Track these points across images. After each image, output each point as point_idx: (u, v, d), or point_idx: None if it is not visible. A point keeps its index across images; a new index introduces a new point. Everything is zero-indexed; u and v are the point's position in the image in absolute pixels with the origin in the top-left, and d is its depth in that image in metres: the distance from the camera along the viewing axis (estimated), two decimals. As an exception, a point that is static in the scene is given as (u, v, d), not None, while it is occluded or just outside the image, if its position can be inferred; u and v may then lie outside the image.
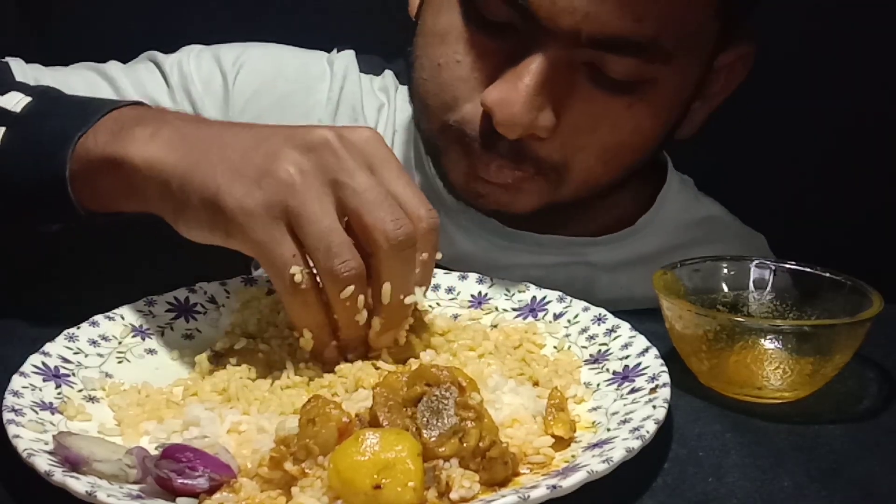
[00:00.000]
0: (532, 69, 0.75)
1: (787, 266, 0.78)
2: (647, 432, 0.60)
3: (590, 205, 0.90)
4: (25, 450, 0.57)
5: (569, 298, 0.80)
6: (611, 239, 0.94)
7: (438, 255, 0.70)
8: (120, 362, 0.73)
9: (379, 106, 1.00)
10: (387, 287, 0.67)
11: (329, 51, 1.04)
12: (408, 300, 0.68)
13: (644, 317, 0.75)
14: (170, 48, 1.03)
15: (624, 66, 0.76)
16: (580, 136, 0.79)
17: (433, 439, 0.59)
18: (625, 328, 0.75)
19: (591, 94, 0.78)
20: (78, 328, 0.73)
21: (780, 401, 0.71)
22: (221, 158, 0.68)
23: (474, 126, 0.80)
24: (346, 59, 1.02)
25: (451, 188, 0.88)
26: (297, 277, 0.66)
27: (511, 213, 0.87)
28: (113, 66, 1.00)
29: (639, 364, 0.70)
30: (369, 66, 1.03)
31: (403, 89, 0.98)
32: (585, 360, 0.74)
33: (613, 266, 0.93)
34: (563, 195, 0.84)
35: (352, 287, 0.66)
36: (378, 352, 0.70)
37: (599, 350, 0.74)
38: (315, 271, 0.67)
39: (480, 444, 0.59)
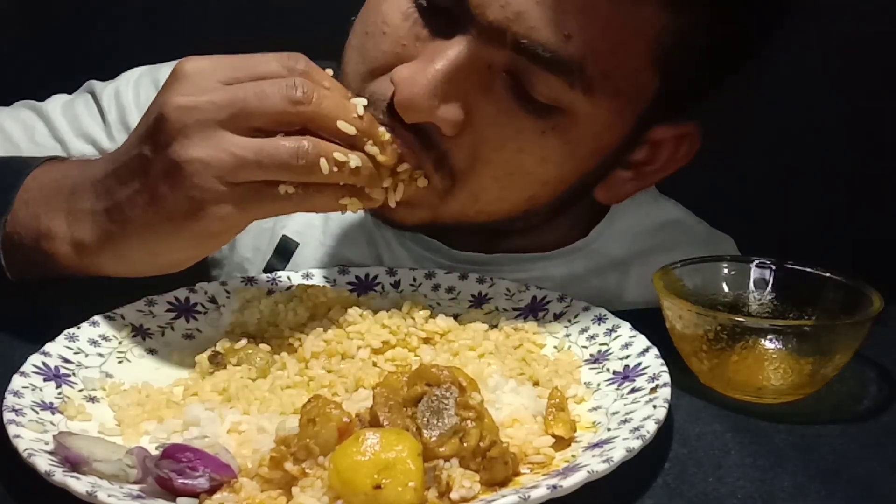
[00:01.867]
0: (448, 55, 0.72)
1: (787, 266, 0.78)
2: (648, 432, 0.60)
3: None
4: (26, 450, 0.57)
5: (569, 298, 0.80)
6: (562, 252, 0.90)
7: (329, 71, 0.72)
8: (120, 362, 0.73)
9: None
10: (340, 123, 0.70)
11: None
12: (355, 101, 0.72)
13: (644, 317, 0.75)
14: (167, 51, 1.03)
15: (544, 83, 0.72)
16: (485, 146, 0.75)
17: (433, 439, 0.59)
18: (625, 328, 0.75)
19: (506, 106, 0.74)
20: (78, 328, 0.73)
21: (780, 401, 0.71)
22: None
23: (384, 102, 0.75)
24: None
25: None
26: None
27: (397, 223, 0.83)
28: (52, 104, 0.99)
29: (639, 364, 0.70)
30: None
31: None
32: (586, 360, 0.74)
33: (568, 280, 0.89)
34: (449, 212, 0.79)
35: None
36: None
37: (600, 350, 0.74)
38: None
39: (481, 444, 0.59)
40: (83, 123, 0.97)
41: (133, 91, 0.98)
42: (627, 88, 0.75)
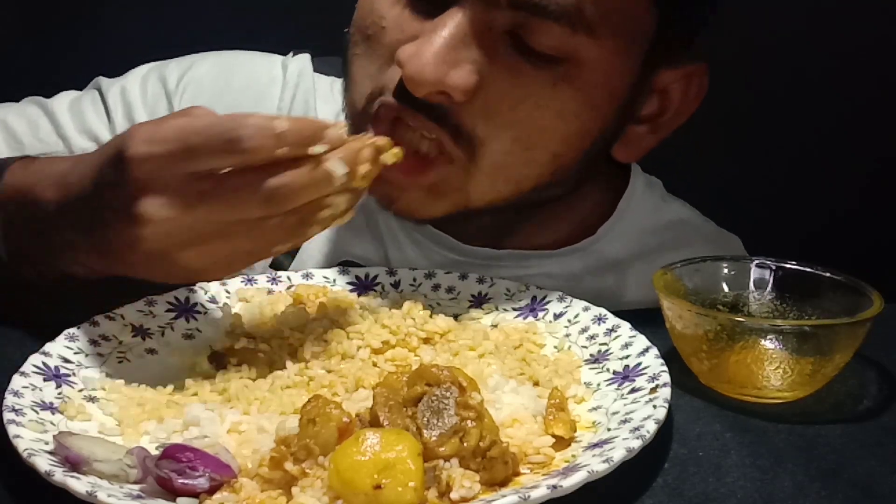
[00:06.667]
0: (448, 24, 0.73)
1: (788, 266, 0.78)
2: (648, 432, 0.60)
3: (544, 214, 0.88)
4: (26, 450, 0.57)
5: (569, 298, 0.80)
6: (570, 250, 0.90)
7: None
8: (120, 362, 0.73)
9: (337, 111, 0.94)
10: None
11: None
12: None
13: (644, 317, 0.75)
14: (168, 49, 1.03)
15: (546, 33, 0.73)
16: (501, 110, 0.76)
17: (433, 439, 0.59)
18: (625, 328, 0.75)
19: (513, 65, 0.74)
20: (78, 328, 0.73)
21: (780, 401, 0.71)
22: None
23: (391, 90, 0.76)
24: (301, 62, 0.99)
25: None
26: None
27: (422, 217, 0.83)
28: (58, 100, 0.99)
29: (639, 364, 0.70)
30: (331, 67, 0.99)
31: None
32: (586, 360, 0.74)
33: (575, 277, 0.89)
34: (480, 190, 0.79)
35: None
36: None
37: (600, 350, 0.74)
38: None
39: (481, 444, 0.59)
40: (87, 120, 0.97)
41: (140, 88, 0.98)
42: (628, 26, 0.76)
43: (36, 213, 0.74)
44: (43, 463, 0.56)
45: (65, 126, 0.97)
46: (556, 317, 0.79)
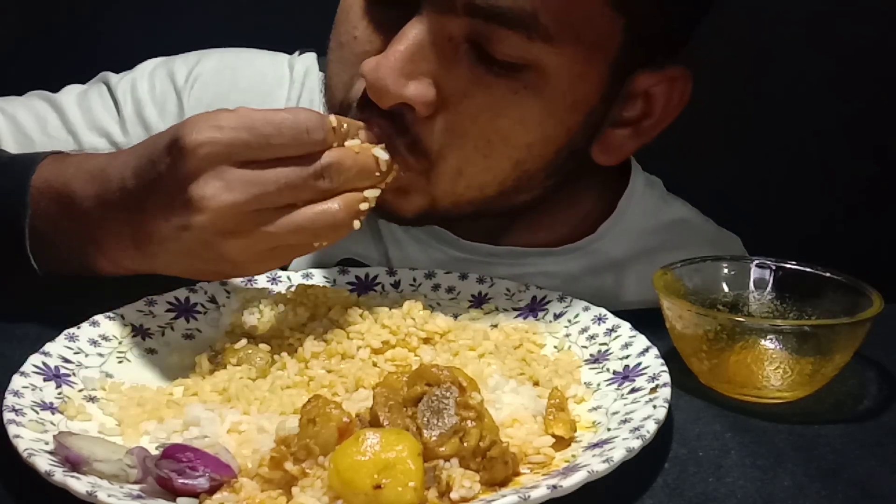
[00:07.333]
0: (407, 36, 0.73)
1: (788, 266, 0.78)
2: (648, 432, 0.60)
3: (544, 212, 0.88)
4: (26, 450, 0.57)
5: (569, 298, 0.80)
6: (569, 249, 0.90)
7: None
8: (120, 362, 0.73)
9: None
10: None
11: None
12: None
13: (644, 317, 0.75)
14: (168, 48, 1.03)
15: (503, 41, 0.72)
16: (461, 121, 0.76)
17: (433, 439, 0.59)
18: (625, 328, 0.75)
19: (474, 75, 0.74)
20: (78, 328, 0.73)
21: (780, 401, 0.71)
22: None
23: (357, 99, 0.77)
24: (307, 61, 1.00)
25: None
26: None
27: (398, 216, 0.83)
28: (65, 95, 0.99)
29: (639, 364, 0.70)
30: None
31: None
32: (586, 360, 0.74)
33: (573, 276, 0.89)
34: (441, 192, 0.79)
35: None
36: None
37: (600, 350, 0.74)
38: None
39: (481, 444, 0.59)
40: (96, 116, 0.97)
41: (148, 83, 0.98)
42: (589, 33, 0.75)
43: (71, 207, 0.75)
44: (43, 463, 0.56)
45: (74, 121, 0.97)
46: (556, 317, 0.79)
